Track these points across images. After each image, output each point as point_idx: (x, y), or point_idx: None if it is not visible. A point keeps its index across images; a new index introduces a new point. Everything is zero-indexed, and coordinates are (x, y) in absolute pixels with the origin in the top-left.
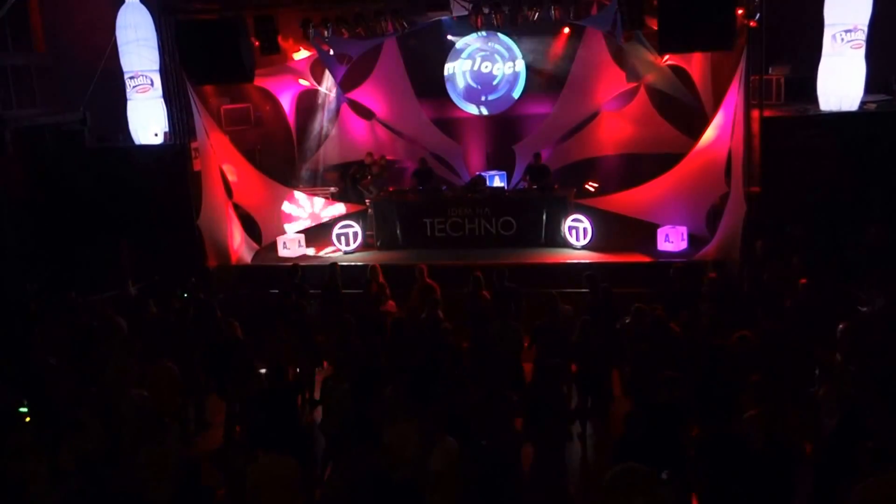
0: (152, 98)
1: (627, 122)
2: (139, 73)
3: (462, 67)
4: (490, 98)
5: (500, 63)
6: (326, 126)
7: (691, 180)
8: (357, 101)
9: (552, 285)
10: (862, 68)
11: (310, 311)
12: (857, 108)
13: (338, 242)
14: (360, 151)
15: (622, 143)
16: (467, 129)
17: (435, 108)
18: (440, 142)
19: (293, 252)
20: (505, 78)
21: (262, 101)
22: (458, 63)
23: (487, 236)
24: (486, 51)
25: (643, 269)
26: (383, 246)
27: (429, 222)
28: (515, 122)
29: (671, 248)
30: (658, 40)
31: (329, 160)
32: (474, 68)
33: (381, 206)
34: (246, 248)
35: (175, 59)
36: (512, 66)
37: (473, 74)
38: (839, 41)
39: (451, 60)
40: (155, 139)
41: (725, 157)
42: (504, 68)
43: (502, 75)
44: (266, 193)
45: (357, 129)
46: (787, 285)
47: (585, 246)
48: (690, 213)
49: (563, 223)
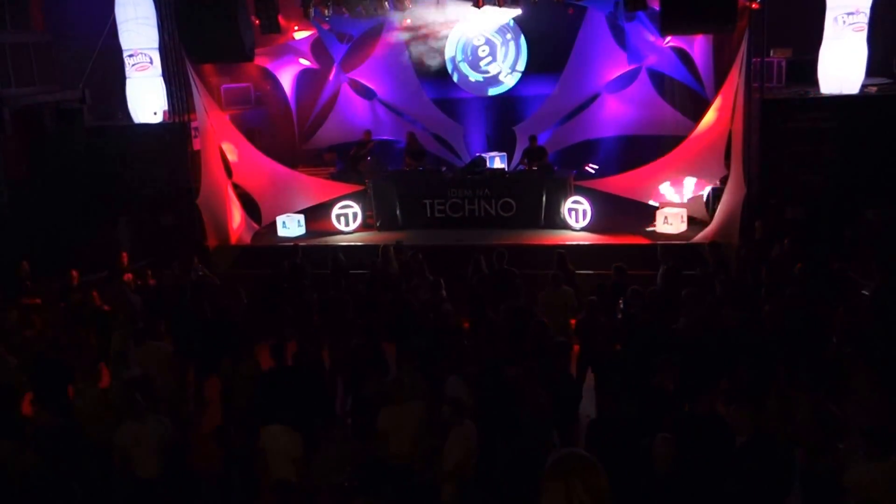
0: (151, 76)
1: (628, 104)
2: (138, 51)
3: (462, 47)
4: (490, 78)
5: (500, 43)
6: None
7: (691, 162)
8: (358, 80)
9: (551, 267)
10: (863, 51)
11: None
12: (857, 91)
13: (337, 223)
14: (360, 132)
15: (623, 125)
16: (468, 110)
17: (436, 88)
18: (441, 122)
19: (293, 232)
20: (506, 58)
21: (263, 81)
22: (458, 42)
23: (487, 217)
24: (487, 31)
25: (642, 251)
26: (383, 226)
27: (428, 203)
28: (516, 104)
29: (671, 230)
30: (660, 22)
31: (329, 140)
32: (474, 47)
33: (380, 186)
34: (246, 228)
35: (174, 38)
36: (513, 46)
37: (474, 54)
38: (841, 24)
39: (452, 39)
40: (154, 118)
41: (726, 139)
42: (505, 48)
43: (503, 55)
44: (266, 173)
45: (358, 109)
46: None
47: (585, 228)
48: (690, 196)
49: (563, 205)
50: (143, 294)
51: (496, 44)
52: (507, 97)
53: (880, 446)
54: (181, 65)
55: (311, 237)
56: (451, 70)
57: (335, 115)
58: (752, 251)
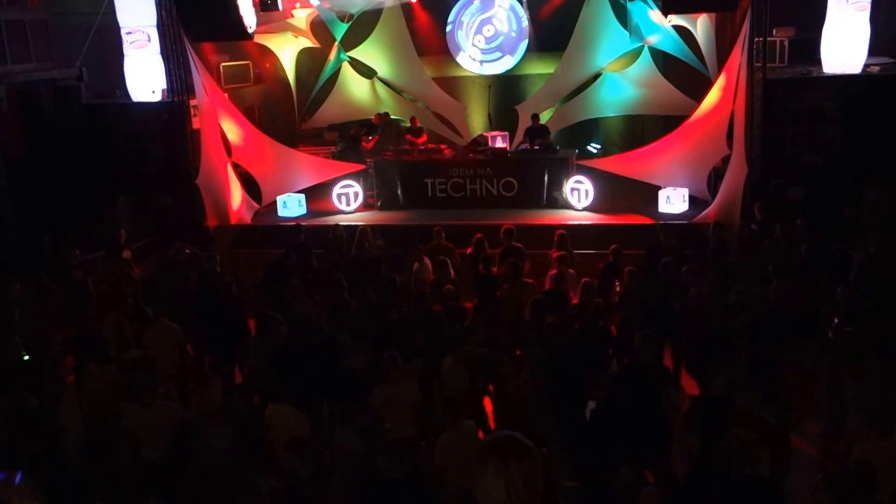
0: (149, 54)
1: (630, 84)
2: (136, 29)
3: (465, 25)
4: (493, 57)
5: (503, 21)
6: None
7: (693, 142)
8: (358, 59)
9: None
10: (866, 31)
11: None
12: (860, 70)
13: (338, 202)
14: (361, 111)
15: (625, 105)
16: (470, 89)
17: (437, 67)
18: (442, 101)
19: (293, 212)
20: (508, 36)
21: (262, 59)
22: (460, 20)
23: (489, 197)
24: (490, 9)
25: (644, 230)
26: (384, 206)
27: (430, 182)
28: (518, 82)
29: (672, 210)
30: (662, 0)
31: (329, 119)
32: (477, 26)
33: (381, 166)
34: (246, 208)
35: (172, 15)
36: (515, 25)
37: (477, 32)
38: (844, 3)
39: (454, 18)
40: (153, 96)
41: (728, 119)
42: (507, 27)
43: (506, 33)
44: (266, 152)
45: (358, 89)
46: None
47: (587, 207)
48: (692, 175)
49: (565, 185)
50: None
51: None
52: (509, 76)
53: (882, 424)
54: (179, 42)
55: (312, 217)
56: (452, 48)
57: (336, 94)
58: (754, 231)
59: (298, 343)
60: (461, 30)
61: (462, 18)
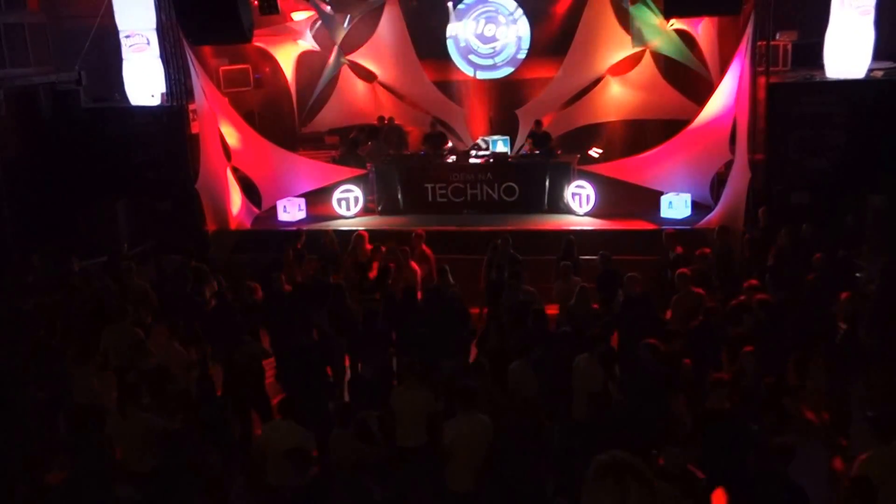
0: (149, 58)
1: (632, 88)
2: (135, 32)
3: (465, 29)
4: (493, 61)
5: (503, 25)
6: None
7: (696, 147)
8: (358, 62)
9: (555, 252)
10: (870, 35)
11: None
12: (864, 75)
13: (338, 207)
14: (361, 114)
15: (627, 109)
16: (470, 93)
17: (437, 71)
18: (443, 105)
19: (293, 216)
20: (508, 40)
21: (262, 62)
22: (461, 24)
23: (490, 202)
24: (490, 12)
25: (646, 236)
26: (384, 211)
27: (430, 187)
28: (519, 86)
29: (675, 216)
30: (664, 4)
31: (330, 123)
32: (477, 30)
33: (382, 170)
34: (246, 213)
35: (172, 18)
36: (515, 29)
37: (477, 36)
38: (847, 7)
39: (455, 21)
40: (152, 100)
41: (730, 123)
42: (507, 30)
43: (505, 38)
44: (266, 157)
45: (358, 92)
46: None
47: (588, 213)
48: (695, 181)
49: (567, 189)
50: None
51: (500, 24)
52: (510, 80)
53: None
54: (179, 46)
55: (312, 221)
56: (453, 52)
57: (336, 97)
58: (758, 237)
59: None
60: (462, 34)
61: (465, 22)
